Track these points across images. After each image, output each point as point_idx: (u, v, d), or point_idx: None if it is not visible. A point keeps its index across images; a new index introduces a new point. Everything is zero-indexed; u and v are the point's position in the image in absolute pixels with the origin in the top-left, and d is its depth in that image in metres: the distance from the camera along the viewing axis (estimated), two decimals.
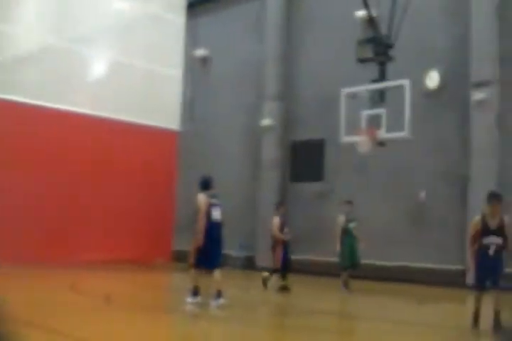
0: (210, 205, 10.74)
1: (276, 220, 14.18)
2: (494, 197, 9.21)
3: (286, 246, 14.13)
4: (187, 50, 22.04)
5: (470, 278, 15.39)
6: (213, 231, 10.68)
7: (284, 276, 14.01)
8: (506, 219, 9.22)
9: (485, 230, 9.10)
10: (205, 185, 11.04)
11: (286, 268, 14.05)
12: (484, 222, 9.14)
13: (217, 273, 10.69)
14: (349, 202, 14.63)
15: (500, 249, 9.09)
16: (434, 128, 16.87)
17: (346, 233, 14.14)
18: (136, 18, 20.29)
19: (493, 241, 9.06)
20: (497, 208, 9.13)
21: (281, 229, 14.12)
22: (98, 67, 19.69)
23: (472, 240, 9.28)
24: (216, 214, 10.78)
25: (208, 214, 10.62)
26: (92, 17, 19.01)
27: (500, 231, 9.08)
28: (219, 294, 10.43)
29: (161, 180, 20.35)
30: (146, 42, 20.12)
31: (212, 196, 10.96)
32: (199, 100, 22.31)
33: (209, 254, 10.60)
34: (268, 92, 21.16)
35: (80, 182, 18.19)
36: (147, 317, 9.44)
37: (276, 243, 14.06)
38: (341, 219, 14.35)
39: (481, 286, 9.22)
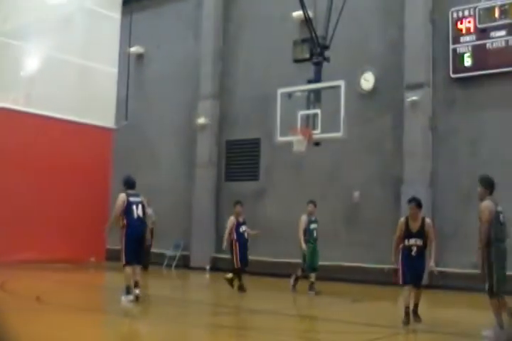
0: (130, 203, 11.05)
1: (230, 220, 14.03)
2: (412, 202, 9.76)
3: (242, 245, 13.92)
4: (122, 47, 21.75)
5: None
6: (135, 227, 11.04)
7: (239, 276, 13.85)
8: (428, 221, 9.80)
9: (407, 232, 9.63)
10: (125, 183, 11.43)
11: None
12: (407, 225, 9.65)
13: (137, 268, 11.07)
14: (312, 202, 14.08)
15: (421, 250, 9.62)
16: (369, 129, 17.06)
17: (308, 234, 13.62)
18: (71, 12, 19.87)
19: (415, 242, 9.57)
20: (416, 212, 9.70)
21: (237, 228, 13.93)
22: (32, 62, 19.21)
23: (397, 241, 9.74)
24: (137, 211, 11.13)
25: (129, 212, 11.01)
26: (26, 10, 18.53)
27: (421, 233, 9.59)
28: (136, 284, 10.76)
29: (95, 179, 19.99)
30: (82, 38, 19.72)
31: (133, 195, 11.25)
32: (134, 98, 22.01)
33: (131, 250, 10.98)
34: (204, 91, 21.06)
35: (12, 181, 17.69)
36: (81, 318, 9.28)
37: (232, 243, 13.87)
38: (303, 219, 13.76)
39: (407, 285, 9.68)
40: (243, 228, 14.04)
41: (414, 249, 9.55)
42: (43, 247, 17.85)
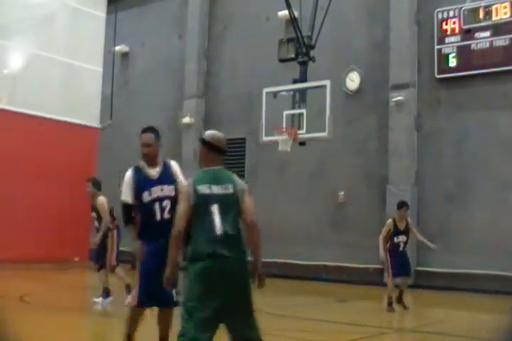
0: None
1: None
2: (401, 205, 11.22)
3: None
4: (107, 45, 21.66)
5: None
6: None
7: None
8: (409, 220, 11.29)
9: (395, 231, 11.06)
10: None
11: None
12: (395, 224, 11.10)
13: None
14: None
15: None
16: (355, 129, 17.07)
17: None
18: (55, 10, 19.75)
19: (402, 239, 11.08)
20: (403, 214, 11.19)
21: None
22: (16, 61, 19.07)
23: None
24: None
25: None
26: (10, 7, 18.39)
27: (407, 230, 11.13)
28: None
29: (79, 178, 19.82)
30: (66, 37, 19.63)
31: None
32: (118, 97, 21.93)
33: None
34: (188, 90, 20.99)
35: None
36: (65, 318, 9.23)
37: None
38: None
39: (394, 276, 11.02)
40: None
41: (402, 245, 11.08)
42: (26, 247, 17.73)
